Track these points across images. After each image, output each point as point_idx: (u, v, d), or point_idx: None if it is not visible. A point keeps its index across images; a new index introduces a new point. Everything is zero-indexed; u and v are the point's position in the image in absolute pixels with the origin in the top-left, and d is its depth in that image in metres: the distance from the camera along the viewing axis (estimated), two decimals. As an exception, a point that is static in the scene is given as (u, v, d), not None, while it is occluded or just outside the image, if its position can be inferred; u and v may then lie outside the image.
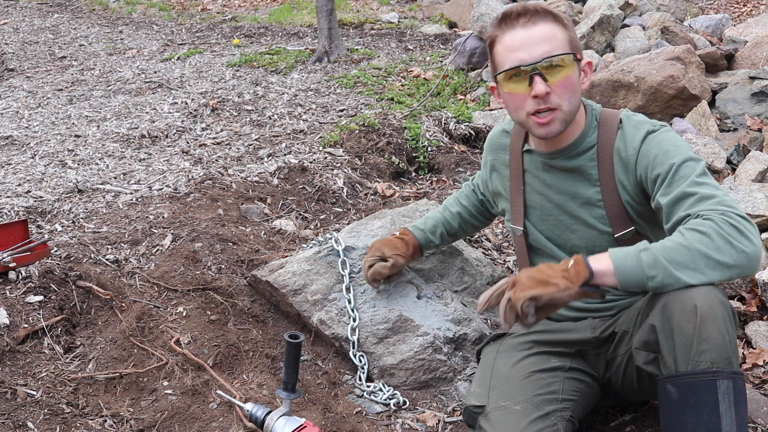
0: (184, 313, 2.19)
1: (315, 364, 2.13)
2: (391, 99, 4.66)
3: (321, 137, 3.88)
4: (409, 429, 1.90)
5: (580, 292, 1.48)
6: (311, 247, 2.40)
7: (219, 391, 1.91)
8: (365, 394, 2.02)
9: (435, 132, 4.04)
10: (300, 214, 3.11)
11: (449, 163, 3.80)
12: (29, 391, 1.87)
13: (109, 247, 2.52)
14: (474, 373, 2.00)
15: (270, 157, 3.63)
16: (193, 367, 2.01)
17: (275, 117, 4.31)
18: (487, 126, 4.18)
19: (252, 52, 6.23)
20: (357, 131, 3.91)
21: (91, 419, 1.85)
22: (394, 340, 2.09)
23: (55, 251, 2.42)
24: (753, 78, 3.99)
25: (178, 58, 6.14)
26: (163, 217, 2.78)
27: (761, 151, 3.41)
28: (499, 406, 1.66)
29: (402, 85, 5.07)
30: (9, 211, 2.92)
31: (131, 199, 3.03)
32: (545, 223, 1.83)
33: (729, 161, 3.39)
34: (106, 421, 1.85)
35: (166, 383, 1.97)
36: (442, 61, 5.61)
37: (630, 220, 1.70)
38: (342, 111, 4.43)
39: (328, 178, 3.37)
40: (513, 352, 1.81)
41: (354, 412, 1.94)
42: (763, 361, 2.10)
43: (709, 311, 1.38)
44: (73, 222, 2.84)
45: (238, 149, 3.77)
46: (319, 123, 4.20)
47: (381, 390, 2.02)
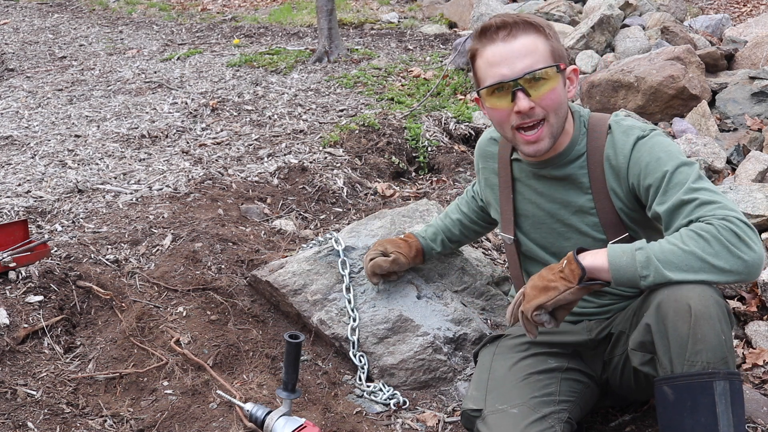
0: (184, 313, 2.19)
1: (315, 364, 2.13)
2: (391, 99, 4.65)
3: (321, 137, 3.88)
4: (409, 429, 1.90)
5: (582, 288, 1.48)
6: (311, 247, 2.40)
7: (219, 391, 1.91)
8: (365, 394, 2.02)
9: (435, 132, 4.04)
10: (300, 214, 3.11)
11: (449, 163, 3.80)
12: (29, 391, 1.87)
13: (109, 247, 2.52)
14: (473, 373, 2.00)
15: (270, 157, 3.63)
16: (193, 367, 2.01)
17: (275, 117, 4.31)
18: (487, 126, 4.18)
19: (252, 52, 6.23)
20: (357, 131, 3.91)
21: (91, 419, 1.85)
22: (394, 340, 2.09)
23: (55, 251, 2.42)
24: (753, 78, 3.99)
25: (178, 58, 6.14)
26: (163, 217, 2.78)
27: (761, 151, 3.41)
28: (496, 409, 1.66)
29: (402, 85, 5.07)
30: (9, 211, 2.92)
31: (131, 199, 3.03)
32: (538, 231, 1.82)
33: (729, 161, 3.39)
34: (106, 421, 1.85)
35: (166, 383, 1.97)
36: (442, 61, 5.61)
37: (624, 227, 1.68)
38: (342, 111, 4.43)
39: (328, 178, 3.37)
40: (510, 354, 1.81)
41: (354, 412, 1.94)
42: (763, 361, 2.10)
43: (704, 311, 1.37)
44: (73, 222, 2.84)
45: (238, 149, 3.76)
46: (319, 123, 4.20)
47: (381, 390, 2.02)
